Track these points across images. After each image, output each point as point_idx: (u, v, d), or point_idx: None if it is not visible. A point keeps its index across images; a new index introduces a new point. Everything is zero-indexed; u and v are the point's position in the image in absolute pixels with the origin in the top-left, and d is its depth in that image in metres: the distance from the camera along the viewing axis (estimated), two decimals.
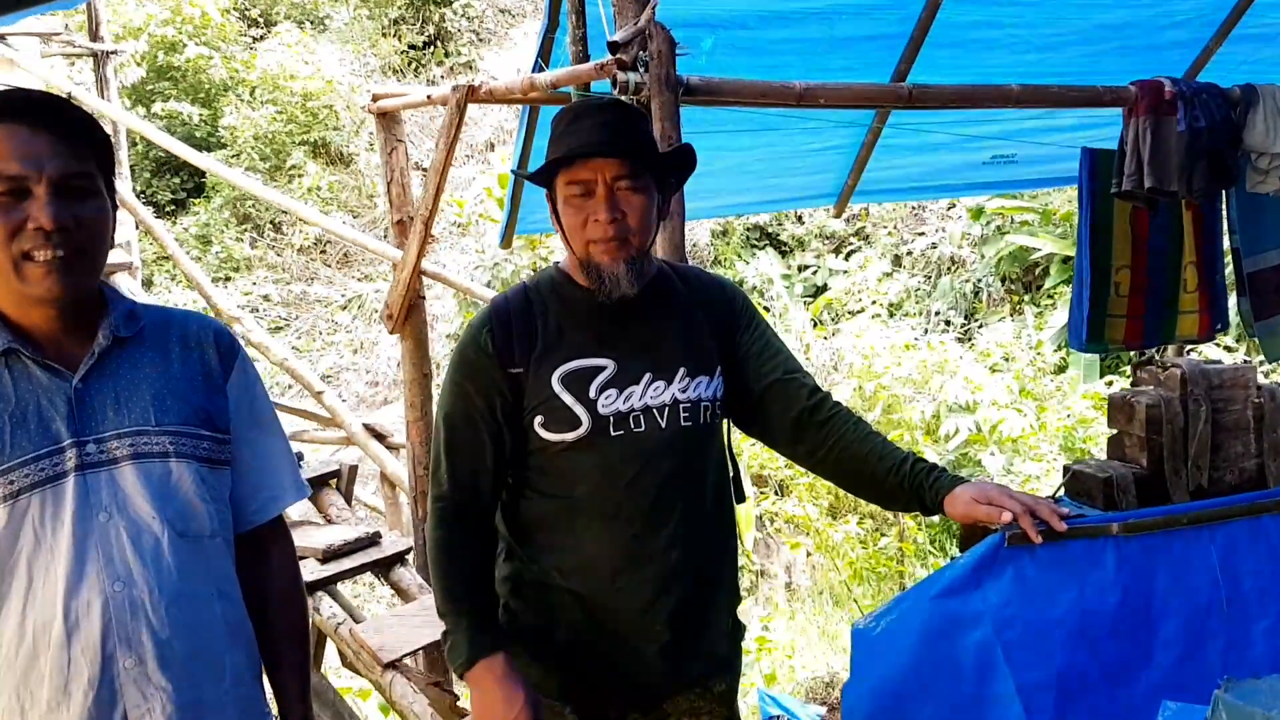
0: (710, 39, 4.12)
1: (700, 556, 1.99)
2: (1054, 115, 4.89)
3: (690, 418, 1.95)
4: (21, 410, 1.53)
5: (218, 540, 1.69)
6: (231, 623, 1.69)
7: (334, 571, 3.94)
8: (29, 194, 1.49)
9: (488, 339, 1.93)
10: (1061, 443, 8.70)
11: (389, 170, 4.62)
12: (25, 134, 1.49)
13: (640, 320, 1.97)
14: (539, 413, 1.90)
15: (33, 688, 1.51)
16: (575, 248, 1.91)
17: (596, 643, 1.95)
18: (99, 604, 1.52)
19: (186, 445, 1.64)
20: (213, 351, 1.73)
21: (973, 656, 1.83)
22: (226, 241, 14.21)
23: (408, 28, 17.03)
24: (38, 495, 1.52)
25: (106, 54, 7.09)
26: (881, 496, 2.02)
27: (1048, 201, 11.60)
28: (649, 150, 1.93)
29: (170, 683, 1.57)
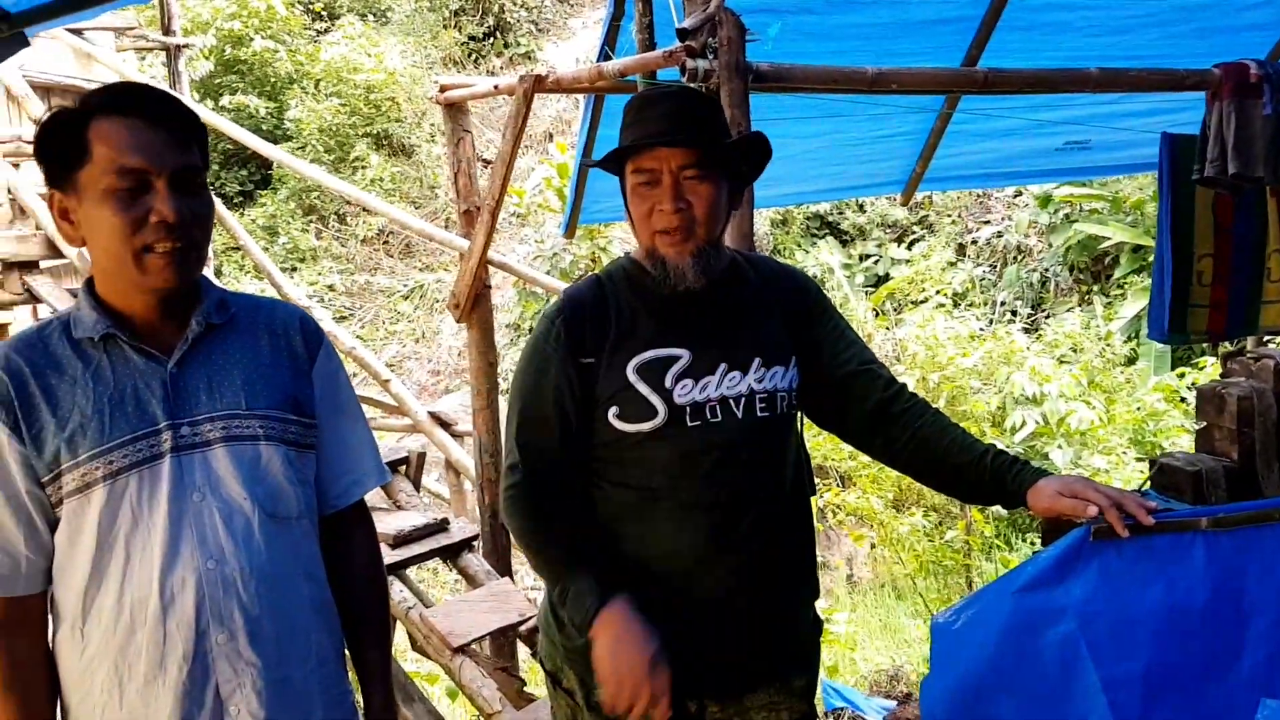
0: (777, 24, 4.08)
1: (780, 549, 1.97)
2: (1129, 100, 4.77)
3: (767, 408, 1.93)
4: (120, 393, 1.57)
5: (304, 522, 1.73)
6: (317, 603, 1.73)
7: (404, 556, 3.97)
8: (150, 187, 1.52)
9: (561, 329, 1.92)
10: (1131, 436, 8.54)
11: (455, 160, 4.65)
12: (143, 127, 1.52)
13: (715, 310, 1.95)
14: (614, 403, 1.89)
15: (130, 660, 1.56)
16: (642, 238, 1.91)
17: (677, 634, 1.91)
18: (193, 581, 1.56)
19: (276, 429, 1.67)
20: (299, 339, 1.77)
21: (1056, 651, 1.80)
22: (293, 232, 14.45)
23: (468, 19, 17.14)
24: (135, 475, 1.56)
25: (178, 48, 7.22)
26: (960, 489, 1.98)
27: (1118, 189, 11.37)
28: (716, 139, 1.89)
29: (260, 659, 1.61)
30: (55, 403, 1.55)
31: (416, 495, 4.56)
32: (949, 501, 8.63)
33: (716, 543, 1.90)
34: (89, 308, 1.59)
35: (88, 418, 1.54)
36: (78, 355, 1.58)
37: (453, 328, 13.50)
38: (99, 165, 1.50)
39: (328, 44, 15.92)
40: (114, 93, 1.55)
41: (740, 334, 1.95)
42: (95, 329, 1.57)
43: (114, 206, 1.50)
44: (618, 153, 1.87)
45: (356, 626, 1.84)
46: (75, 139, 1.51)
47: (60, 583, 1.59)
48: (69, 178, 1.53)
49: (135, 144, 1.51)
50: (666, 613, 1.91)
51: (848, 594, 8.47)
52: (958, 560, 7.62)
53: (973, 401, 8.89)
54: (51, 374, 1.56)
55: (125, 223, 1.51)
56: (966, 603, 1.87)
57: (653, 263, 1.90)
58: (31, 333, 1.62)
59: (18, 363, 1.55)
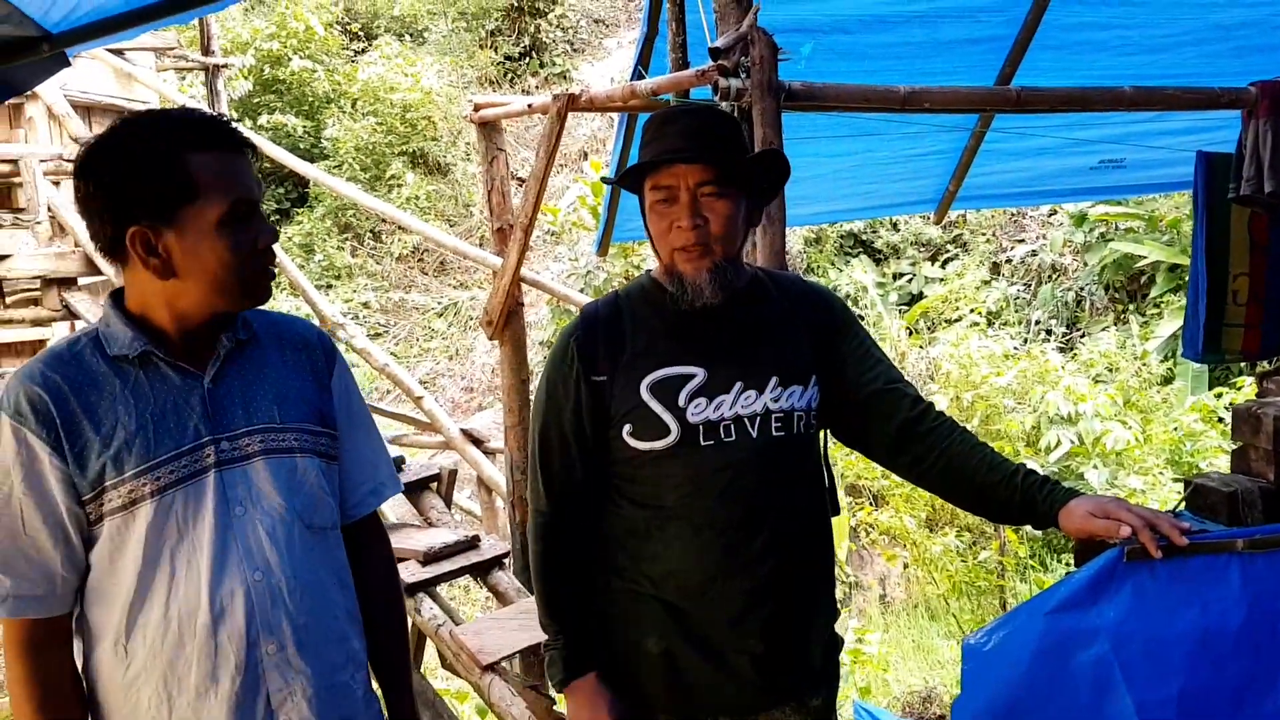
0: (809, 44, 4.09)
1: (795, 568, 1.96)
2: (1164, 119, 4.74)
3: (783, 428, 1.92)
4: (161, 409, 1.59)
5: (335, 532, 1.77)
6: (350, 610, 1.77)
7: (434, 574, 3.99)
8: (252, 217, 1.60)
9: (574, 347, 1.94)
10: (1168, 456, 8.43)
11: (489, 179, 4.69)
12: (238, 160, 1.60)
13: (732, 328, 1.94)
14: (627, 420, 1.90)
15: (180, 674, 1.57)
16: (661, 254, 1.92)
17: (688, 653, 1.94)
18: (242, 592, 1.59)
19: (308, 441, 1.71)
20: (319, 353, 1.80)
21: (1089, 673, 1.78)
22: (329, 250, 14.58)
23: (504, 39, 17.28)
24: (181, 491, 1.58)
25: (217, 68, 7.33)
26: (990, 509, 1.95)
27: (1154, 208, 11.27)
28: (733, 156, 1.90)
29: (308, 666, 1.64)
30: (97, 420, 1.55)
31: (448, 512, 4.57)
32: (982, 521, 8.54)
33: (729, 562, 1.90)
34: (121, 324, 1.60)
35: (132, 434, 1.56)
36: (114, 372, 1.59)
37: (486, 345, 13.57)
38: (211, 200, 1.54)
39: (365, 64, 16.09)
40: (199, 127, 1.57)
41: (758, 352, 1.94)
42: (132, 346, 1.58)
43: (230, 238, 1.56)
44: (636, 169, 1.89)
45: (377, 633, 1.86)
46: (177, 175, 1.52)
47: (98, 601, 1.59)
48: (168, 214, 1.53)
49: (240, 177, 1.58)
50: (678, 633, 1.93)
51: (880, 614, 8.41)
52: (991, 581, 7.55)
53: (1007, 421, 8.82)
54: (90, 391, 1.57)
55: (241, 253, 1.58)
56: (998, 624, 1.85)
57: (671, 279, 1.91)
58: (62, 349, 1.62)
59: (56, 380, 1.55)
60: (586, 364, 1.92)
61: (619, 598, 1.99)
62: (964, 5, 4.16)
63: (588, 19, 18.24)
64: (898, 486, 8.00)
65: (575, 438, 1.94)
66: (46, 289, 5.85)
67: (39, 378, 1.55)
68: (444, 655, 3.84)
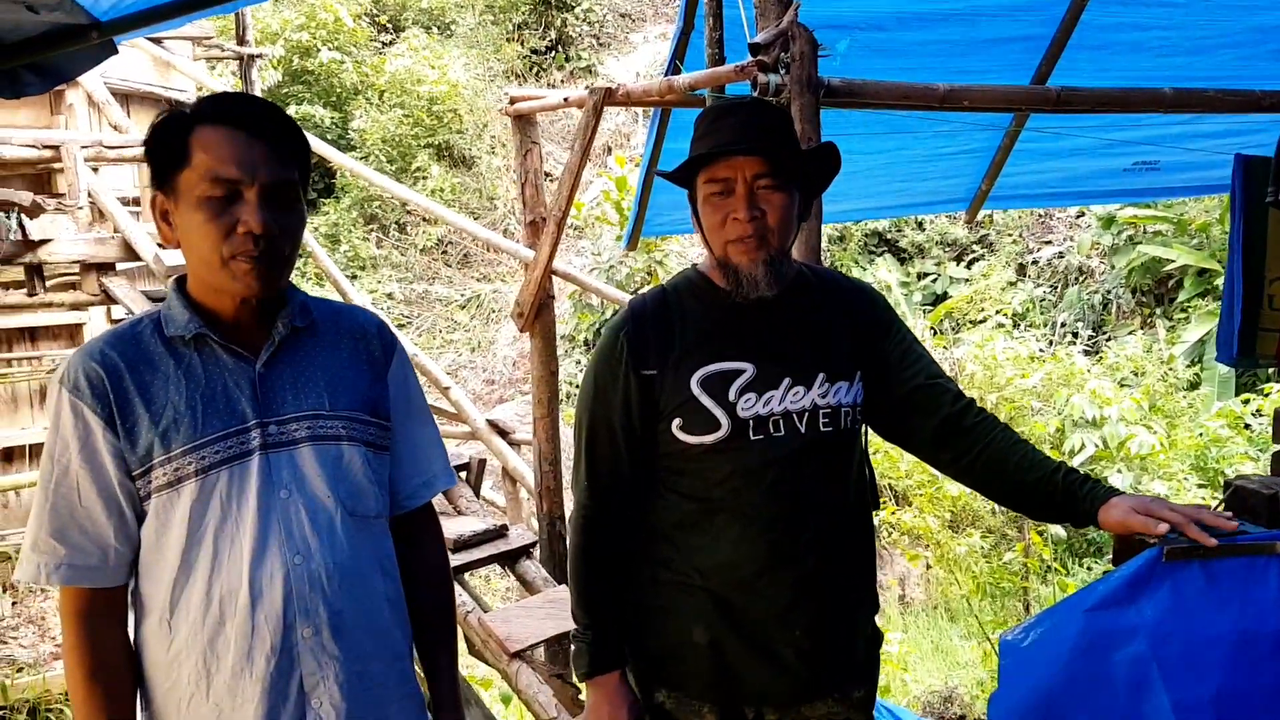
0: (846, 41, 4.09)
1: (840, 563, 1.97)
2: (1200, 121, 4.71)
3: (830, 423, 1.93)
4: (211, 390, 1.62)
5: (381, 521, 1.77)
6: (392, 600, 1.77)
7: (463, 561, 4.02)
8: (240, 197, 1.57)
9: (624, 342, 1.95)
10: (1193, 462, 8.38)
11: (523, 171, 4.71)
12: (244, 140, 1.57)
13: (780, 324, 1.95)
14: (677, 415, 1.91)
15: (219, 652, 1.59)
16: (714, 247, 1.91)
17: (735, 644, 1.95)
18: (281, 575, 1.60)
19: (357, 430, 1.72)
20: (377, 343, 1.81)
21: (1126, 672, 1.78)
22: (354, 240, 14.65)
23: (530, 32, 17.31)
24: (226, 471, 1.60)
25: (252, 57, 7.37)
26: (1030, 506, 1.95)
27: (1183, 211, 11.20)
28: (790, 149, 1.91)
29: (342, 653, 1.65)
30: (149, 398, 1.59)
31: (476, 501, 4.61)
32: (1006, 523, 8.53)
33: (776, 555, 1.91)
34: (180, 306, 1.63)
35: (181, 413, 1.59)
36: (169, 352, 1.62)
37: (508, 338, 13.62)
38: (197, 171, 1.55)
39: (393, 55, 16.16)
40: (220, 102, 1.60)
41: (805, 348, 1.95)
42: (187, 328, 1.61)
43: (206, 213, 1.55)
44: (692, 161, 1.89)
45: (426, 626, 1.87)
46: (179, 144, 1.56)
47: (146, 576, 1.63)
48: (170, 181, 1.58)
49: (232, 154, 1.55)
50: (724, 624, 1.94)
51: (900, 614, 8.40)
52: (1015, 583, 7.53)
53: (1031, 423, 8.78)
54: (145, 369, 1.60)
55: (215, 230, 1.55)
56: (1036, 620, 1.86)
57: (725, 272, 1.91)
58: (125, 329, 1.66)
59: (113, 358, 1.59)
60: (637, 358, 1.93)
61: (666, 589, 2.00)
62: (1001, 4, 4.14)
63: (614, 13, 18.25)
64: (922, 486, 7.99)
65: (624, 432, 1.95)
66: (85, 274, 5.91)
67: (97, 355, 1.60)
68: (472, 642, 3.87)
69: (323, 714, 1.63)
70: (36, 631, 7.42)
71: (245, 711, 1.60)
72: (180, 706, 1.62)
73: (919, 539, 7.72)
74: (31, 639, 7.36)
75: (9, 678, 6.48)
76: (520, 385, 12.87)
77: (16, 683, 6.43)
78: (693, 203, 1.95)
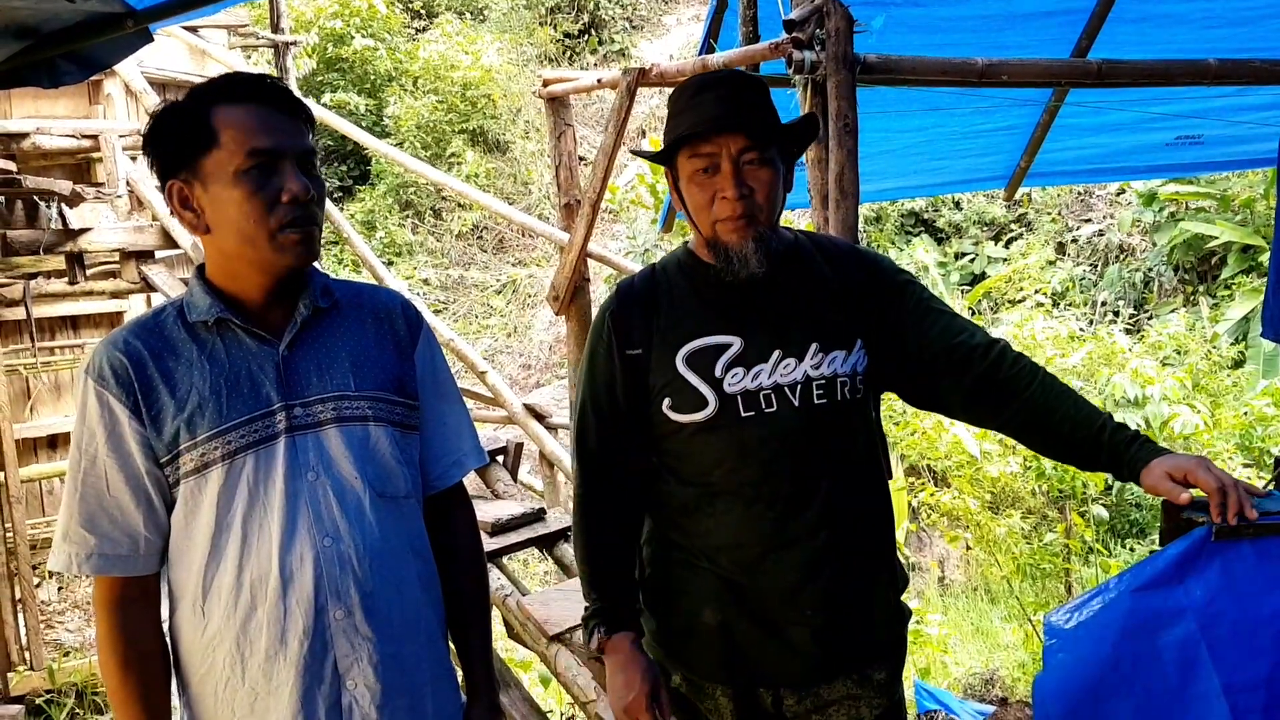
0: (881, 17, 4.04)
1: (852, 538, 1.93)
2: (1246, 93, 4.62)
3: (825, 395, 1.88)
4: (235, 375, 1.62)
5: (411, 501, 1.77)
6: (425, 580, 1.77)
7: (502, 545, 4.03)
8: (277, 169, 1.58)
9: (609, 322, 1.93)
10: (1238, 441, 8.25)
11: (557, 154, 4.70)
12: (269, 112, 1.59)
13: (769, 296, 1.91)
14: (666, 394, 1.88)
15: (252, 636, 1.60)
16: (701, 227, 1.87)
17: (745, 625, 1.93)
18: (311, 558, 1.61)
19: (383, 410, 1.71)
20: (402, 322, 1.81)
21: (1175, 653, 1.75)
22: (390, 227, 14.73)
23: (563, 16, 17.27)
24: (252, 455, 1.61)
25: (286, 45, 7.41)
26: (1073, 459, 1.90)
27: (1226, 186, 11.00)
28: (773, 123, 1.86)
29: (375, 634, 1.65)
30: (174, 385, 1.60)
31: (514, 485, 4.61)
32: (1047, 504, 8.45)
33: (781, 535, 1.89)
34: (201, 293, 1.64)
35: (205, 399, 1.59)
36: (192, 339, 1.63)
37: (544, 322, 13.64)
38: (228, 149, 1.55)
39: (426, 42, 16.18)
40: (235, 81, 1.61)
41: (796, 319, 1.90)
42: (209, 313, 1.62)
43: (248, 187, 1.55)
44: (677, 140, 1.84)
45: (458, 606, 1.87)
46: (200, 126, 1.56)
47: (178, 562, 1.64)
48: (193, 165, 1.58)
49: (264, 127, 1.56)
50: (735, 605, 1.92)
51: (940, 596, 8.35)
52: (1056, 564, 7.46)
53: None
54: (169, 357, 1.61)
55: (261, 202, 1.56)
56: (1082, 601, 1.83)
57: (714, 251, 1.87)
58: (148, 318, 1.67)
59: (137, 347, 1.61)
60: (621, 338, 1.91)
61: (675, 570, 1.99)
62: None
63: None
64: (961, 467, 7.92)
65: (611, 412, 1.94)
66: (125, 262, 5.98)
67: (121, 344, 1.61)
68: (510, 624, 3.88)
69: (357, 695, 1.64)
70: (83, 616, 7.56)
71: (281, 695, 1.61)
72: (216, 691, 1.63)
73: (958, 520, 7.66)
74: (78, 623, 7.49)
75: (56, 662, 6.60)
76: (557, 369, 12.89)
77: (64, 666, 6.55)
78: (672, 181, 1.91)
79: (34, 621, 6.42)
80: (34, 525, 7.06)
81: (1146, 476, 1.75)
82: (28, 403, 7.52)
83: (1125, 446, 1.79)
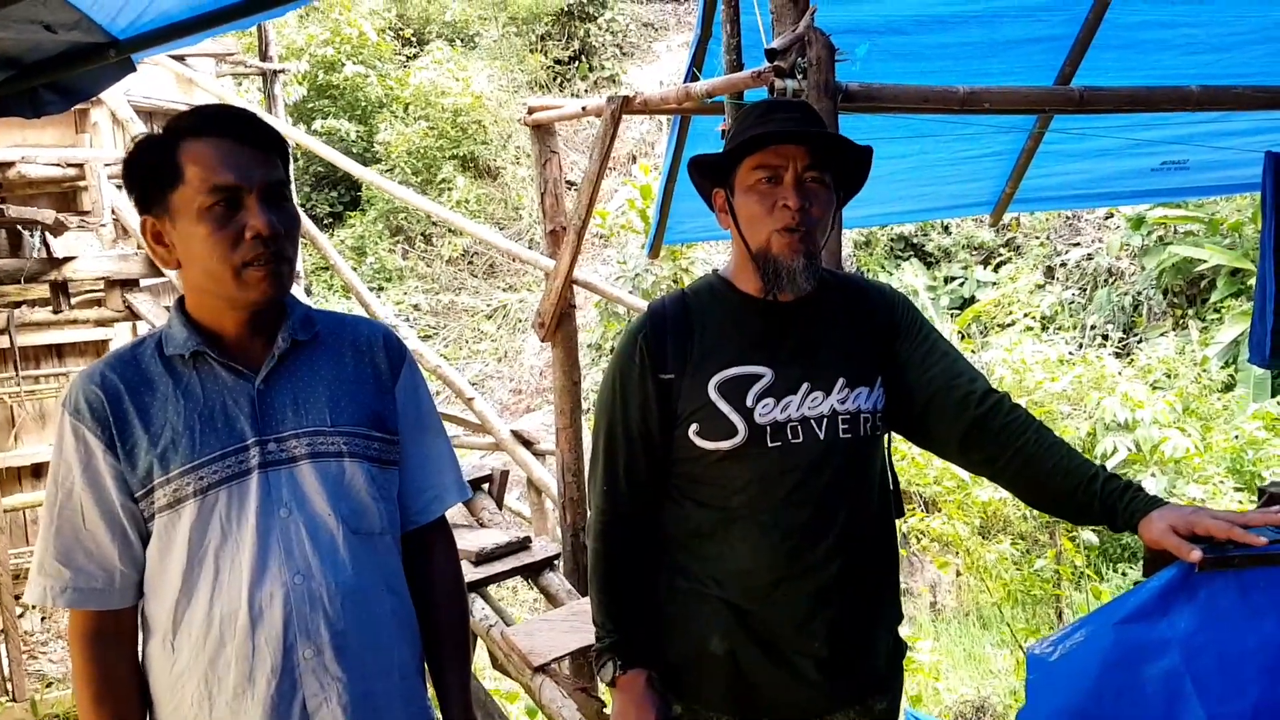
0: (865, 45, 4.06)
1: (861, 572, 1.94)
2: (1229, 119, 4.63)
3: (850, 429, 1.89)
4: (210, 409, 1.61)
5: (387, 538, 1.74)
6: (400, 618, 1.74)
7: (486, 574, 4.00)
8: (242, 204, 1.55)
9: (643, 344, 1.92)
10: (1229, 465, 8.25)
11: (543, 181, 4.69)
12: (232, 146, 1.56)
13: (799, 328, 1.92)
14: (694, 420, 1.88)
15: (220, 673, 1.58)
16: (753, 240, 1.86)
17: (752, 655, 1.91)
18: (281, 596, 1.58)
19: (359, 445, 1.69)
20: (383, 355, 1.78)
21: (1160, 686, 1.73)
22: (380, 253, 14.73)
23: (553, 43, 17.37)
24: (225, 491, 1.59)
25: (274, 73, 7.42)
26: (1067, 512, 1.89)
27: (1215, 210, 11.06)
28: (837, 145, 1.88)
29: (345, 674, 1.62)
30: (148, 419, 1.58)
31: (499, 513, 4.59)
32: (1038, 529, 8.43)
33: (795, 564, 1.88)
34: (180, 325, 1.63)
35: (179, 434, 1.58)
36: (169, 372, 1.61)
37: (535, 347, 13.63)
38: (192, 185, 1.53)
39: (417, 69, 16.24)
40: (200, 115, 1.59)
41: (824, 353, 1.91)
42: (185, 346, 1.61)
43: (211, 224, 1.54)
44: (747, 142, 1.83)
45: (437, 642, 1.84)
46: (166, 163, 1.55)
47: (152, 596, 1.62)
48: (162, 201, 1.57)
49: (225, 162, 1.54)
50: (743, 634, 1.91)
51: (931, 622, 8.31)
52: (1047, 590, 7.43)
53: (1062, 427, 8.67)
54: (145, 391, 1.60)
55: (223, 239, 1.54)
56: (1065, 633, 1.81)
57: (763, 265, 1.85)
58: (126, 350, 1.66)
59: (113, 380, 1.59)
60: (655, 362, 1.90)
61: (682, 597, 1.97)
62: (1023, 4, 4.09)
63: (637, 23, 18.27)
64: (951, 493, 7.91)
65: (641, 437, 1.92)
66: (110, 290, 5.97)
67: (97, 377, 1.60)
68: (495, 655, 3.85)
69: None
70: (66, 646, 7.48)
71: None
72: None
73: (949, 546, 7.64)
74: (61, 654, 7.42)
75: (39, 693, 6.53)
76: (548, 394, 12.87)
77: (46, 697, 6.48)
78: (721, 198, 1.91)
79: (16, 652, 6.35)
80: (17, 554, 7.00)
81: (1147, 530, 1.73)
82: (12, 431, 7.48)
83: (1119, 496, 1.78)
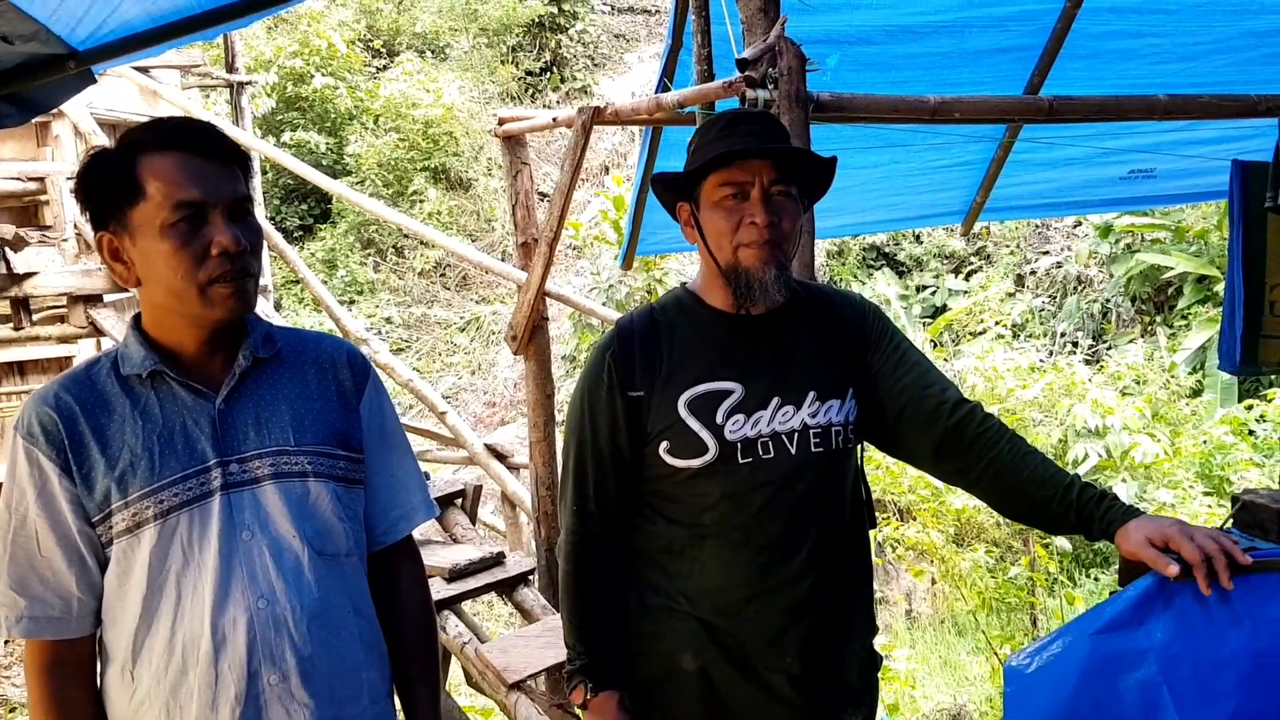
0: (835, 55, 4.07)
1: (834, 586, 1.92)
2: (1196, 127, 4.67)
3: (821, 443, 1.88)
4: (169, 431, 1.56)
5: (353, 559, 1.70)
6: (367, 640, 1.70)
7: (459, 590, 3.96)
8: (206, 219, 1.51)
9: (610, 362, 1.90)
10: (1198, 470, 8.32)
11: (514, 193, 4.66)
12: (194, 160, 1.52)
13: (769, 342, 1.90)
14: (665, 438, 1.86)
15: (182, 702, 1.53)
16: (721, 255, 1.85)
17: (725, 671, 1.90)
18: (244, 621, 1.54)
19: (324, 465, 1.65)
20: (347, 372, 1.74)
21: (1137, 696, 1.72)
22: (351, 265, 14.65)
23: (525, 55, 17.36)
24: (186, 514, 1.54)
25: (241, 85, 7.36)
26: (1041, 523, 1.89)
27: (1181, 218, 11.18)
28: (800, 158, 1.87)
29: (312, 699, 1.58)
30: (105, 442, 1.53)
31: (473, 529, 4.55)
32: (1011, 536, 8.47)
33: (767, 580, 1.87)
34: (136, 344, 1.58)
35: (138, 456, 1.53)
36: (125, 393, 1.56)
37: (509, 360, 13.58)
38: (154, 201, 1.49)
39: (387, 80, 16.19)
40: (160, 128, 1.55)
41: (794, 367, 1.90)
42: (143, 365, 1.56)
43: (175, 241, 1.49)
44: (712, 161, 1.82)
45: (405, 663, 1.80)
46: (125, 178, 1.50)
47: (110, 624, 1.57)
48: (120, 217, 1.52)
49: (189, 177, 1.50)
50: (714, 651, 1.90)
51: (907, 630, 8.32)
52: (1021, 597, 7.46)
53: (1033, 434, 8.73)
54: (101, 412, 1.55)
55: (189, 256, 1.50)
56: (1041, 645, 1.80)
57: (733, 279, 1.85)
58: (80, 371, 1.60)
59: (68, 401, 1.54)
60: (623, 380, 1.88)
61: (654, 614, 1.95)
62: (991, 15, 4.11)
63: (608, 34, 18.31)
64: (925, 501, 7.93)
65: (611, 456, 1.90)
66: (73, 306, 5.88)
67: (51, 399, 1.55)
68: (469, 673, 3.81)
69: None
70: None
71: None
72: None
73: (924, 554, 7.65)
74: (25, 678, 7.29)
75: (1, 717, 6.41)
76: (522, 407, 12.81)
77: None
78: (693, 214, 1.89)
79: None
80: None
81: (1124, 541, 1.72)
82: None
83: (1095, 506, 1.77)
